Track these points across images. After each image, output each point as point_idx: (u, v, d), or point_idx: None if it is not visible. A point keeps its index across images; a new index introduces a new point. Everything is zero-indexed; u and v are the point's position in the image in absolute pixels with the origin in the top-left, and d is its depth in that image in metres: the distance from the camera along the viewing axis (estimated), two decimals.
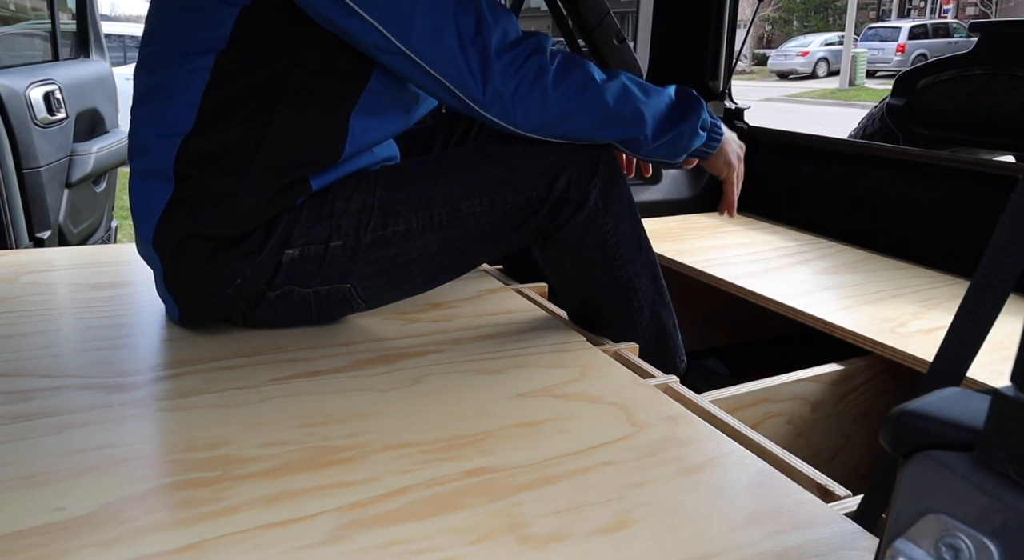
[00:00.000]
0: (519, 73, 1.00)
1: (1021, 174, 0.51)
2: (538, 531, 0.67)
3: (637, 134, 1.08)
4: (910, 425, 0.39)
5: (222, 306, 1.07)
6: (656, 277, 1.19)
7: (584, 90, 1.03)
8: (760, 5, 5.15)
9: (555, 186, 1.08)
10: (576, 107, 1.03)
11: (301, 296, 1.08)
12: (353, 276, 1.08)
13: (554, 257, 1.16)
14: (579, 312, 1.22)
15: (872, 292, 1.47)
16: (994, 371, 1.08)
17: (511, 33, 1.01)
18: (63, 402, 0.88)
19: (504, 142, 1.10)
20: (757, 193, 2.31)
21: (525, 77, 1.00)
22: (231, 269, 1.03)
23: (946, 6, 26.55)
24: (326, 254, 1.05)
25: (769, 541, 0.67)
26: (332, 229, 1.05)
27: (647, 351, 1.16)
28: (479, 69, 0.99)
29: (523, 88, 1.00)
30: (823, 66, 20.22)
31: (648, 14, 2.45)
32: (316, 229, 1.05)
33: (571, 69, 1.03)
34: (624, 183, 1.14)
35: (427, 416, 0.88)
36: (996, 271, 0.49)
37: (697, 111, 1.12)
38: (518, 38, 1.02)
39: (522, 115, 1.02)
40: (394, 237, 1.07)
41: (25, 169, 2.07)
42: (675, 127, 1.10)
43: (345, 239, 1.05)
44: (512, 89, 1.00)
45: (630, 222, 1.14)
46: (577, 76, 1.03)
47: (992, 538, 0.34)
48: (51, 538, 0.64)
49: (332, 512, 0.69)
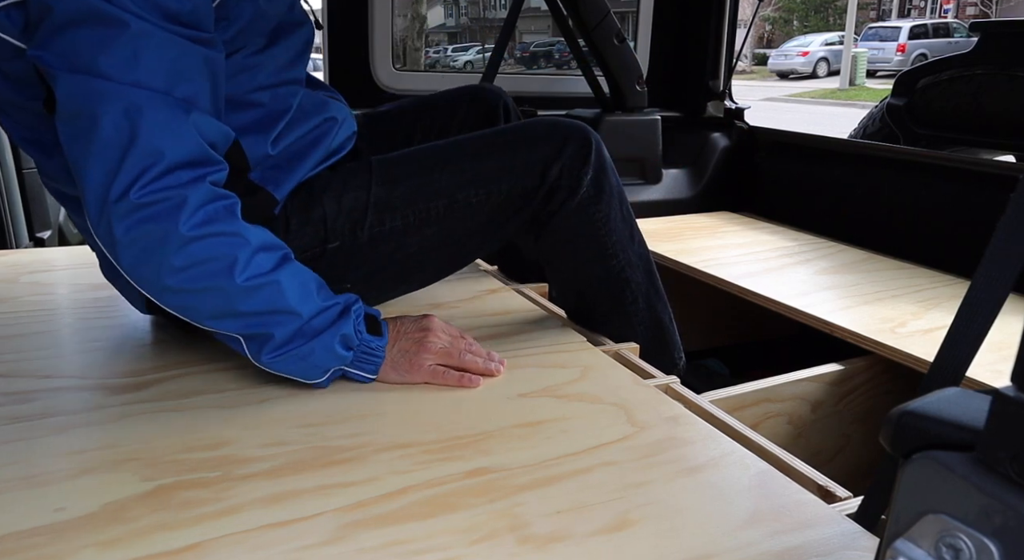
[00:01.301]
0: (142, 225, 0.78)
1: (1021, 174, 0.51)
2: (539, 531, 0.67)
3: (268, 331, 0.87)
4: (910, 425, 0.39)
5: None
6: (650, 271, 1.20)
7: (215, 272, 0.82)
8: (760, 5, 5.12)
9: (548, 174, 1.09)
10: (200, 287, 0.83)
11: None
12: (351, 275, 1.08)
13: (548, 247, 1.17)
14: (576, 306, 1.23)
15: (872, 292, 1.47)
16: (994, 371, 1.08)
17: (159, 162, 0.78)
18: (64, 402, 0.88)
19: (496, 133, 1.12)
20: (757, 193, 2.31)
21: (150, 232, 0.79)
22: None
23: (946, 6, 26.54)
24: (323, 256, 1.05)
25: (769, 541, 0.67)
26: (327, 231, 1.05)
27: (645, 346, 1.17)
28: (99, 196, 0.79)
29: (142, 242, 0.80)
30: (823, 66, 20.21)
31: (648, 14, 2.45)
32: (308, 235, 1.04)
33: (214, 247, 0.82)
34: (615, 175, 1.16)
35: (428, 416, 0.88)
36: (996, 271, 0.49)
37: (338, 327, 0.89)
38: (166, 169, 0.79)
39: (128, 264, 0.82)
40: (392, 233, 1.07)
41: (25, 169, 2.07)
42: (302, 340, 0.88)
43: (342, 239, 1.05)
44: (127, 236, 0.79)
45: (621, 212, 1.16)
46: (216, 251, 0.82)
47: (992, 538, 0.34)
48: (51, 538, 0.64)
49: (333, 512, 0.69)
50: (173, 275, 0.81)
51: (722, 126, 2.43)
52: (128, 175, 0.77)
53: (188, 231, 0.79)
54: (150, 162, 0.78)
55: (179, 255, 0.80)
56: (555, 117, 1.14)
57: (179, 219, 0.79)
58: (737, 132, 2.39)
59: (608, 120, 2.16)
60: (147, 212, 0.78)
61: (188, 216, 0.80)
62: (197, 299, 0.84)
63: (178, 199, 0.79)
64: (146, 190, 0.78)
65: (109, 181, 0.77)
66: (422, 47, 2.92)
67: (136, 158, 0.77)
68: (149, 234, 0.79)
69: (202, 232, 0.81)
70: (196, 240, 0.80)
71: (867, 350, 1.25)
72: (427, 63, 3.22)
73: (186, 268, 0.81)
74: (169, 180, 0.79)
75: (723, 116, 2.44)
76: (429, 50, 3.46)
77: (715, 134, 2.41)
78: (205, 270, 0.82)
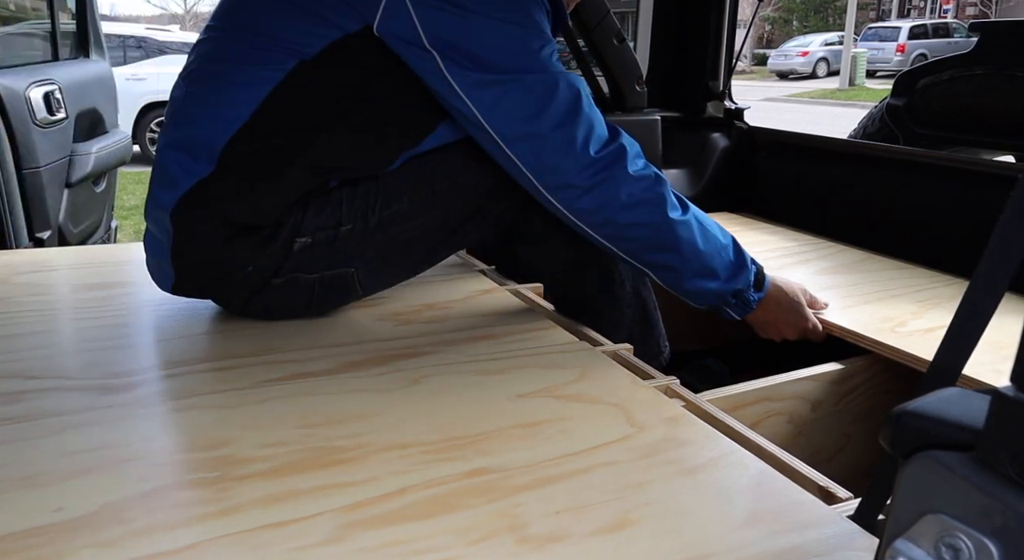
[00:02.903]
0: (601, 172, 1.04)
1: (1021, 174, 0.51)
2: (538, 531, 0.67)
3: (682, 268, 1.10)
4: (910, 425, 0.39)
5: (225, 290, 1.09)
6: None
7: (652, 211, 1.07)
8: (760, 5, 5.09)
9: None
10: (642, 223, 1.07)
11: (305, 283, 1.09)
12: (358, 259, 1.11)
13: (539, 226, 1.19)
14: (564, 287, 1.25)
15: (872, 292, 1.47)
16: (994, 370, 1.08)
17: (599, 129, 1.06)
18: (63, 403, 0.88)
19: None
20: (757, 193, 2.31)
21: (606, 178, 1.04)
22: (243, 256, 1.05)
23: (946, 6, 26.55)
24: (336, 239, 1.08)
25: (769, 541, 0.67)
26: (342, 214, 1.08)
27: (630, 330, 1.19)
28: (561, 156, 1.03)
29: (602, 186, 1.04)
30: (823, 66, 20.22)
31: (648, 14, 2.45)
32: (326, 216, 1.07)
33: (651, 188, 1.07)
34: None
35: (427, 417, 0.88)
36: (995, 271, 0.49)
37: (736, 283, 1.15)
38: (608, 137, 1.07)
39: (591, 205, 1.06)
40: (398, 215, 1.10)
41: (25, 169, 2.07)
42: (715, 283, 1.13)
43: (355, 222, 1.08)
44: (588, 183, 1.04)
45: None
46: (652, 196, 1.07)
47: (992, 538, 0.34)
48: (51, 538, 0.64)
49: (332, 512, 0.69)
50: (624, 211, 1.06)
51: (722, 126, 2.42)
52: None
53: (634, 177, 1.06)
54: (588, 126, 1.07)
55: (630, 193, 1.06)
56: None
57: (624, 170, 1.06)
58: (737, 132, 2.39)
59: (608, 120, 2.16)
60: (603, 167, 1.06)
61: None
62: (641, 230, 1.08)
63: (619, 150, 1.07)
64: (594, 150, 1.06)
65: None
66: None
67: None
68: (607, 177, 1.05)
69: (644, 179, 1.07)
70: (639, 183, 1.07)
71: (867, 350, 1.25)
72: None
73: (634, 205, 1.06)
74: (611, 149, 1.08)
75: (723, 116, 2.44)
76: None
77: (715, 134, 2.41)
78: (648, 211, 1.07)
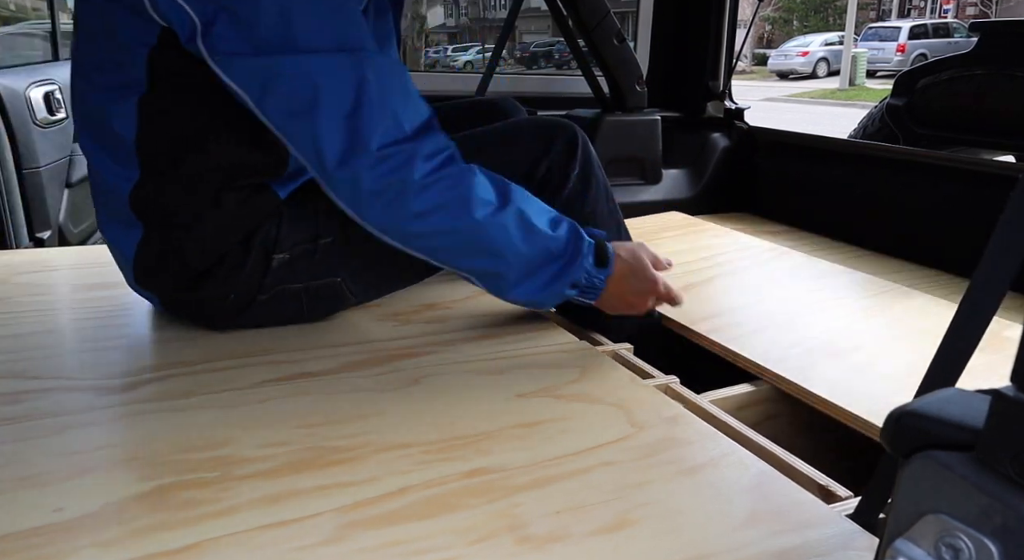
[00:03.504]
0: (388, 175, 0.89)
1: (1021, 174, 0.51)
2: (538, 531, 0.67)
3: (505, 272, 0.97)
4: (910, 425, 0.39)
5: (214, 317, 1.09)
6: None
7: (454, 216, 0.93)
8: (760, 5, 5.13)
9: (536, 170, 1.12)
10: (440, 230, 0.94)
11: (292, 293, 1.08)
12: (343, 270, 1.09)
13: None
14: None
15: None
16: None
17: (402, 124, 0.90)
18: (63, 403, 0.88)
19: (486, 132, 1.14)
20: (757, 193, 2.31)
21: (393, 182, 0.89)
22: (219, 289, 1.04)
23: (946, 6, 26.55)
24: (316, 252, 1.07)
25: (769, 541, 0.67)
26: (320, 226, 1.06)
27: (630, 329, 1.18)
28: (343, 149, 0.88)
29: (388, 191, 0.90)
30: (823, 66, 20.21)
31: (648, 14, 2.45)
32: (302, 230, 1.05)
33: (451, 188, 0.92)
34: (601, 171, 1.18)
35: (427, 417, 0.88)
36: (995, 271, 0.49)
37: (571, 270, 0.99)
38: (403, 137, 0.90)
39: (375, 213, 0.93)
40: None
41: (25, 169, 2.07)
42: (545, 280, 0.99)
43: (334, 235, 1.06)
44: (372, 187, 0.90)
45: (608, 207, 1.18)
46: (453, 198, 0.93)
47: (992, 538, 0.34)
48: (51, 538, 0.64)
49: (332, 512, 0.69)
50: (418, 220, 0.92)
51: (722, 126, 2.43)
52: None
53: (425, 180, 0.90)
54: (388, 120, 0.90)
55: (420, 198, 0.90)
56: (543, 116, 1.15)
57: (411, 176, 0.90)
58: (737, 132, 2.39)
59: (608, 120, 2.16)
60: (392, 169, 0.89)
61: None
62: (440, 238, 0.95)
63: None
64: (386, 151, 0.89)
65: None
66: (422, 47, 2.92)
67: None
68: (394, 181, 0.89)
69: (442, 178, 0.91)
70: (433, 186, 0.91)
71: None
72: (427, 63, 3.23)
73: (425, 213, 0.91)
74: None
75: (723, 116, 2.44)
76: (429, 50, 3.46)
77: (715, 134, 2.41)
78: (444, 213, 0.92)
